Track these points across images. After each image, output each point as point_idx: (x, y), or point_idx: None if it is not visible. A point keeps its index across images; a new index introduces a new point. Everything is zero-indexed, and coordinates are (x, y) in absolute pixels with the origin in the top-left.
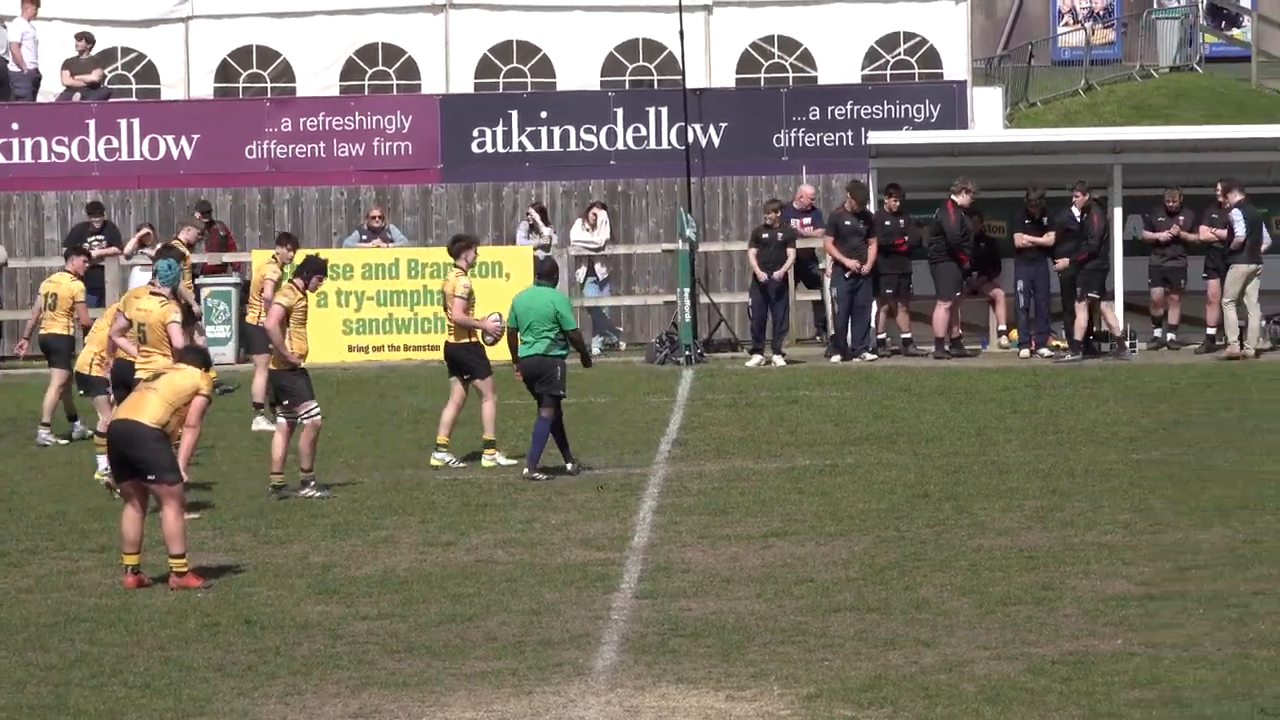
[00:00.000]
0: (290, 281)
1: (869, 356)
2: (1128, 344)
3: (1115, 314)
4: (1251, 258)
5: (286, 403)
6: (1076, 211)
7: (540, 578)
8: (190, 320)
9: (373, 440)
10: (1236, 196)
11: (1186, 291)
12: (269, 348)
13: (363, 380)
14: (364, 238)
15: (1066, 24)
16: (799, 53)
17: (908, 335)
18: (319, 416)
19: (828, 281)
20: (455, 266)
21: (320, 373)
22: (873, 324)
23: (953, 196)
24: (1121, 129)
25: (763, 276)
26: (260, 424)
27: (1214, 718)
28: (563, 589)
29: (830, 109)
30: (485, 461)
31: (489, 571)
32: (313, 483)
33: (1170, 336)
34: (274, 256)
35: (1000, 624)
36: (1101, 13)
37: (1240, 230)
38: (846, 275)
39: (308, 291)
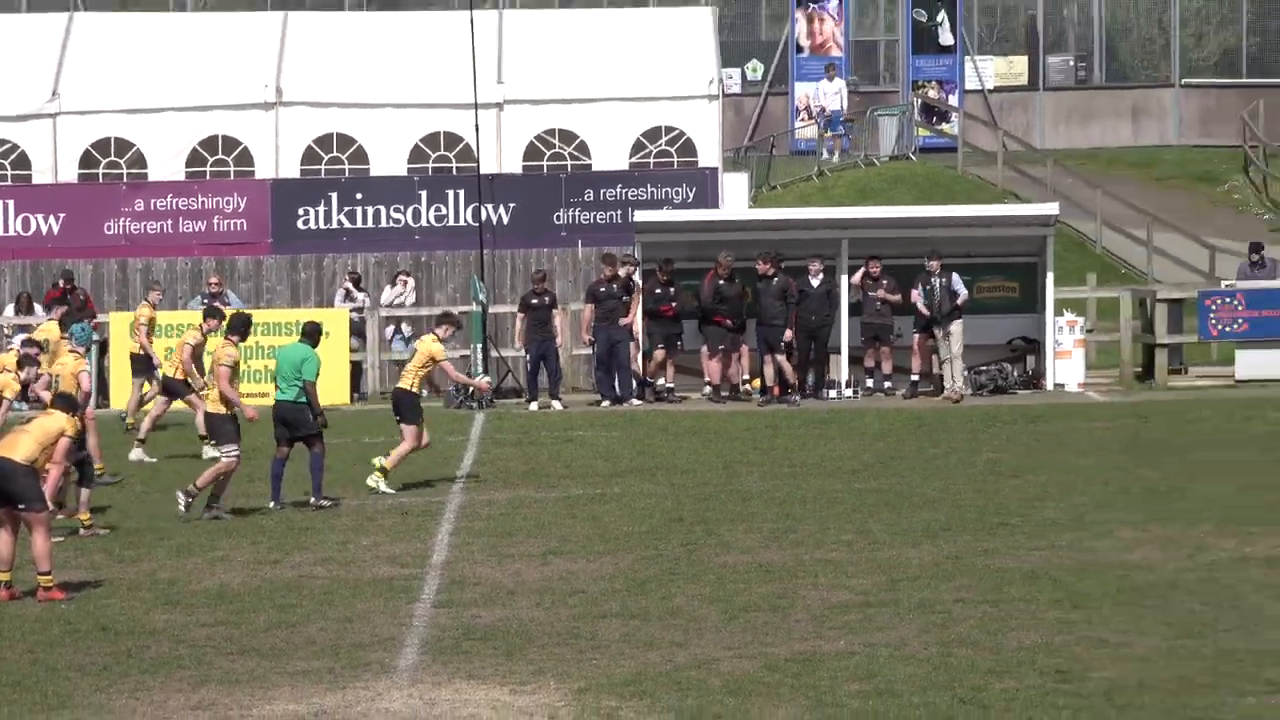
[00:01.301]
0: (227, 338)
1: (635, 403)
2: (797, 395)
3: (789, 366)
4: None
5: (214, 440)
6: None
7: (353, 590)
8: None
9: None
10: (937, 264)
11: (896, 346)
12: (195, 392)
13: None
14: (204, 301)
15: (803, 120)
16: (576, 143)
17: (670, 385)
18: (235, 459)
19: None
20: (435, 333)
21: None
22: (634, 376)
23: (714, 268)
24: (848, 209)
25: (519, 342)
26: (209, 452)
27: (920, 705)
28: (372, 600)
29: (602, 191)
30: (369, 480)
31: (309, 585)
32: (185, 495)
33: (886, 384)
34: (200, 327)
35: (742, 628)
36: (832, 113)
37: (964, 291)
38: (588, 341)
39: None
